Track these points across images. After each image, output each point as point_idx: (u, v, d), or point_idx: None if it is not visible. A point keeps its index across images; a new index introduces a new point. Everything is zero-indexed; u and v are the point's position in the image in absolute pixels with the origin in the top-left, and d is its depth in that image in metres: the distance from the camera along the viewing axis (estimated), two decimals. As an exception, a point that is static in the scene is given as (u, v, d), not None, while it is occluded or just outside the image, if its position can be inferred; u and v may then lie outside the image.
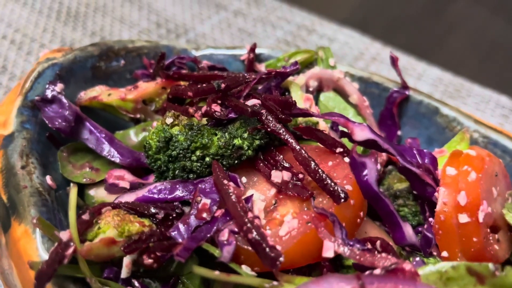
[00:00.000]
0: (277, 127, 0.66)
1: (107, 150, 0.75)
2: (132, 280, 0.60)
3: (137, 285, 0.60)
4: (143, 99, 0.80)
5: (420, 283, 0.49)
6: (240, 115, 0.68)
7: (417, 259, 0.57)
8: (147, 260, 0.58)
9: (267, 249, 0.56)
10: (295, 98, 0.77)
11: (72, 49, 0.82)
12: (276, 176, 0.65)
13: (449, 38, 1.62)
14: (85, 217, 0.60)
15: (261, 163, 0.67)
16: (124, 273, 0.59)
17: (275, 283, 0.56)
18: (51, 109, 0.74)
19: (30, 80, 0.75)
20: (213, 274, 0.56)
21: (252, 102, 0.68)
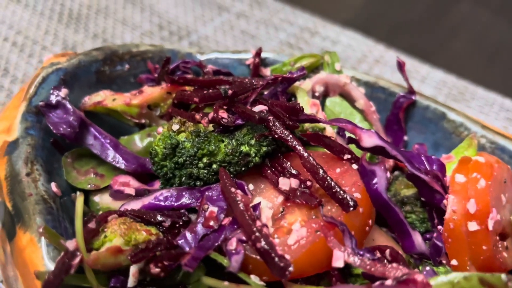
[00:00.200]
0: (285, 134, 0.65)
1: (112, 156, 0.74)
2: (139, 289, 0.60)
3: (144, 294, 0.60)
4: (148, 104, 0.80)
5: (433, 295, 0.48)
6: (247, 122, 0.67)
7: (428, 269, 0.57)
8: (154, 269, 0.57)
9: (276, 259, 0.55)
10: (302, 104, 0.76)
11: (76, 54, 0.81)
12: (284, 184, 0.64)
13: (453, 41, 1.62)
14: (91, 226, 0.59)
15: (268, 170, 0.67)
16: (131, 282, 0.58)
17: (284, 293, 0.56)
18: (56, 115, 0.74)
19: (34, 85, 0.74)
20: (223, 285, 0.55)
21: (259, 108, 0.67)
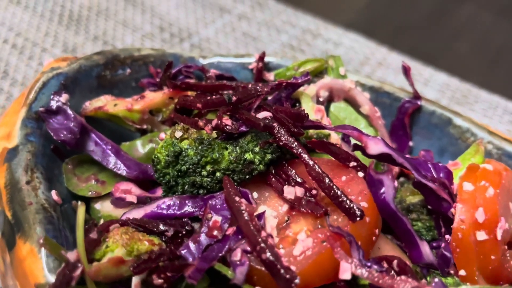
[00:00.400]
0: (290, 141, 0.64)
1: (113, 163, 0.73)
2: (141, 300, 0.58)
3: (146, 305, 0.58)
4: (150, 110, 0.78)
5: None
6: (251, 128, 0.66)
7: (436, 280, 0.55)
8: (157, 280, 0.56)
9: (282, 270, 0.54)
10: (306, 110, 0.75)
11: (77, 58, 0.80)
12: (289, 192, 0.63)
13: (456, 43, 1.60)
14: (93, 236, 0.58)
15: (273, 178, 0.66)
16: (133, 294, 0.57)
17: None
18: (56, 121, 0.72)
19: (35, 91, 0.73)
20: (227, 297, 0.54)
21: (263, 115, 0.66)
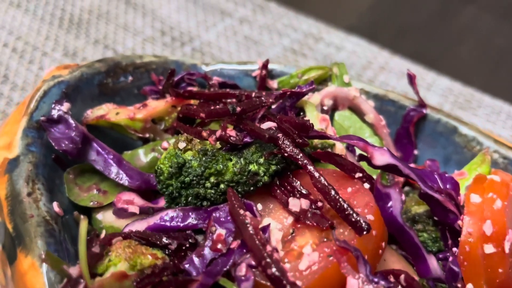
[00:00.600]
0: (295, 152, 0.63)
1: (115, 173, 0.72)
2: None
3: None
4: (152, 118, 0.78)
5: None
6: (255, 139, 0.65)
7: (444, 295, 0.55)
8: (161, 295, 0.55)
9: (288, 286, 0.53)
10: (311, 119, 0.74)
11: (79, 65, 0.79)
12: (294, 205, 0.62)
13: (458, 46, 1.59)
14: (95, 250, 0.57)
15: (278, 190, 0.65)
16: (136, 309, 0.56)
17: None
18: (57, 130, 0.71)
19: (36, 99, 0.72)
20: (232, 314, 0.53)
21: (268, 125, 0.65)
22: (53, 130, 0.71)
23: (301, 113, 0.78)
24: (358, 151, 0.73)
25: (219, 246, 0.59)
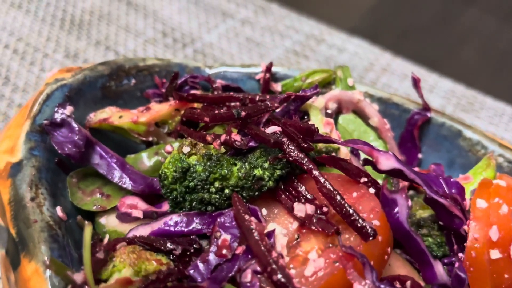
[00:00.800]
0: (300, 157, 0.62)
1: (119, 176, 0.72)
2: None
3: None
4: (156, 121, 0.77)
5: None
6: (260, 143, 0.65)
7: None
8: (165, 301, 0.55)
9: (294, 293, 0.53)
10: (316, 123, 0.74)
11: (81, 68, 0.79)
12: (300, 210, 0.61)
13: (460, 48, 1.59)
14: (100, 256, 0.56)
15: (283, 195, 0.64)
16: (141, 315, 0.56)
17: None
18: (61, 134, 0.71)
19: (38, 103, 0.72)
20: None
21: (272, 129, 0.65)
22: (56, 134, 0.71)
23: (305, 117, 0.77)
24: (363, 155, 0.72)
25: (224, 252, 0.58)
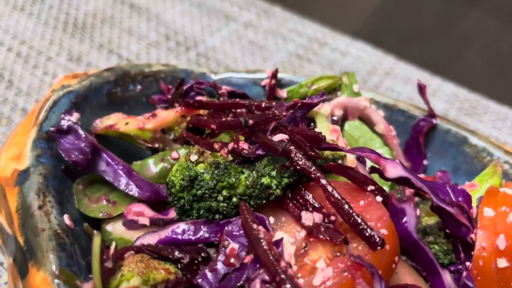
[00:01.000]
0: (307, 165, 0.62)
1: (125, 183, 0.72)
2: (157, 330, 0.57)
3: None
4: (162, 128, 0.77)
5: None
6: (267, 151, 0.65)
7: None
8: (174, 311, 0.55)
9: (303, 303, 0.53)
10: (322, 130, 0.74)
11: (87, 75, 0.79)
12: (307, 219, 0.61)
13: (463, 52, 1.59)
14: (108, 265, 0.56)
15: (290, 203, 0.64)
16: (149, 324, 0.56)
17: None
18: (67, 141, 0.71)
19: (45, 110, 0.71)
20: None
21: (279, 137, 0.65)
22: (63, 141, 0.71)
23: (311, 124, 0.77)
24: (369, 163, 0.72)
25: (233, 261, 0.58)
